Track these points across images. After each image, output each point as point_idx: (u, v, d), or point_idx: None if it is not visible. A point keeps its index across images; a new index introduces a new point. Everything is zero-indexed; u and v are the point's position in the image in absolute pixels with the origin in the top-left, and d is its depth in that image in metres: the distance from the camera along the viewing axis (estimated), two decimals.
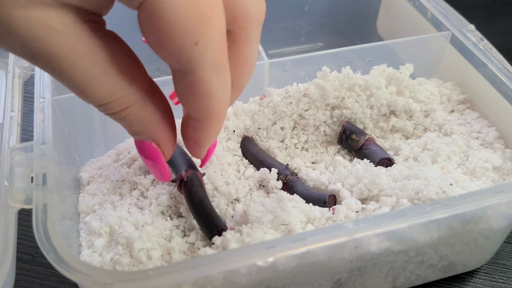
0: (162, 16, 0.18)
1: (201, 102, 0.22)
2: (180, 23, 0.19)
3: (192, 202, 0.31)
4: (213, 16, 0.19)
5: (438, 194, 0.30)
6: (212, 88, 0.21)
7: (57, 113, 0.35)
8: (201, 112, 0.23)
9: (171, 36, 0.19)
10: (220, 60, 0.21)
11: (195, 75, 0.21)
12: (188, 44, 0.19)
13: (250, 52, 0.23)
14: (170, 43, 0.19)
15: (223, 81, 0.22)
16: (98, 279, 0.23)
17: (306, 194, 0.33)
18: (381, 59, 0.40)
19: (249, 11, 0.22)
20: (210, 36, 0.19)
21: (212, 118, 0.23)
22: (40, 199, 0.27)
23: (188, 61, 0.20)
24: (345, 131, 0.38)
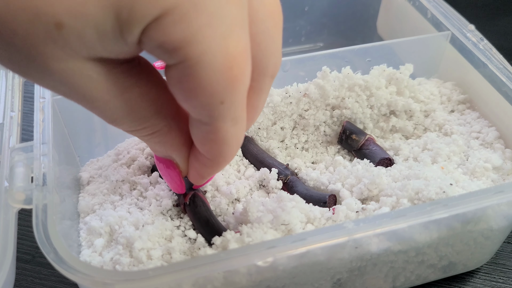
0: (195, 78, 0.19)
1: (215, 147, 0.23)
2: (211, 85, 0.19)
3: (199, 223, 0.31)
4: (242, 78, 0.20)
5: (438, 194, 0.30)
6: (228, 137, 0.22)
7: (57, 113, 0.35)
8: (213, 155, 0.24)
9: (199, 94, 0.19)
10: (239, 114, 0.22)
11: (214, 126, 0.21)
12: (214, 102, 0.20)
13: (259, 102, 0.24)
14: (197, 100, 0.20)
15: (239, 131, 0.22)
16: (98, 279, 0.23)
17: (306, 194, 0.33)
18: (381, 59, 0.40)
19: (267, 67, 0.23)
20: (236, 97, 0.20)
21: (224, 160, 0.24)
22: (40, 199, 0.27)
23: (210, 116, 0.21)
24: (345, 131, 0.38)
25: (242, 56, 0.19)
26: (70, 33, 0.17)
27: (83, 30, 0.17)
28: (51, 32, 0.17)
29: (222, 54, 0.18)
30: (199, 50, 0.18)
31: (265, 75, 0.23)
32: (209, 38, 0.18)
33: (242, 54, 0.19)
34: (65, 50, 0.18)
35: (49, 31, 0.17)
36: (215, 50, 0.18)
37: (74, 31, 0.17)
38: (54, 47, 0.17)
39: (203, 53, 0.18)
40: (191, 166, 0.26)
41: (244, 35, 0.19)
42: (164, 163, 0.27)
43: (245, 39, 0.19)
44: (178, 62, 0.19)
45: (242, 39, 0.19)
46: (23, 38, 0.17)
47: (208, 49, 0.18)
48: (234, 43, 0.19)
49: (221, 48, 0.18)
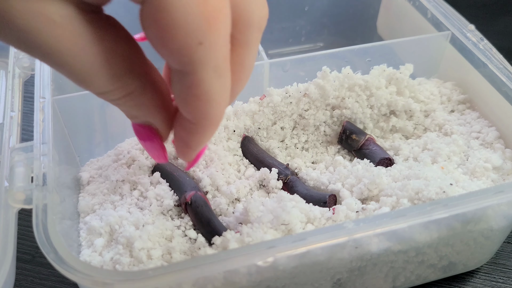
0: (168, 11, 0.18)
1: (199, 105, 0.21)
2: (186, 20, 0.18)
3: (201, 223, 0.31)
4: (220, 17, 0.19)
5: (438, 194, 0.30)
6: (212, 91, 0.21)
7: (57, 113, 0.35)
8: (197, 115, 0.22)
9: (175, 33, 0.18)
10: (222, 63, 0.20)
11: (196, 77, 0.20)
12: (192, 43, 0.19)
13: (248, 58, 0.23)
14: (173, 40, 0.19)
15: (223, 84, 0.21)
16: (98, 279, 0.23)
17: (306, 194, 0.33)
18: (381, 59, 0.40)
19: (252, 16, 0.21)
20: (215, 37, 0.19)
21: (209, 122, 0.22)
22: (40, 199, 0.27)
23: (190, 61, 0.19)
24: (345, 131, 0.38)
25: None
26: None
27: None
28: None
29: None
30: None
31: (250, 25, 0.22)
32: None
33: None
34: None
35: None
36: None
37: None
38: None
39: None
40: (177, 136, 0.25)
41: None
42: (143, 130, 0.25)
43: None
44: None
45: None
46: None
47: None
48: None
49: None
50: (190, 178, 0.35)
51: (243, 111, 0.38)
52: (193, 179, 0.35)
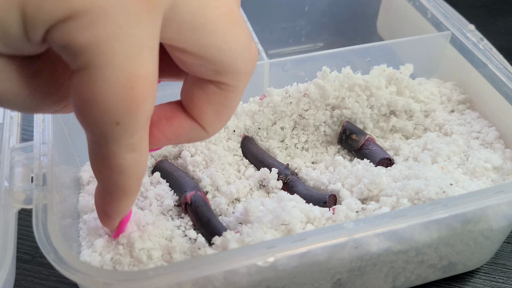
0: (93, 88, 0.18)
1: (111, 175, 0.21)
2: (108, 101, 0.18)
3: (200, 223, 0.31)
4: (143, 104, 0.19)
5: (438, 194, 0.30)
6: (124, 164, 0.21)
7: None
8: (109, 185, 0.22)
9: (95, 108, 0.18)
10: (138, 141, 0.20)
11: (108, 150, 0.20)
12: (108, 122, 0.19)
13: (233, 101, 0.23)
14: (93, 115, 0.19)
15: (137, 159, 0.21)
16: (98, 279, 0.23)
17: (306, 194, 0.33)
18: (381, 59, 0.40)
19: (236, 66, 0.22)
20: (134, 121, 0.19)
21: (122, 192, 0.23)
22: (40, 199, 0.27)
23: (103, 137, 0.20)
24: (345, 131, 0.38)
25: (145, 80, 0.18)
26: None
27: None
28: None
29: (124, 71, 0.18)
30: (101, 61, 0.17)
31: (236, 74, 0.22)
32: (113, 51, 0.17)
33: (146, 78, 0.18)
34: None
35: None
36: (118, 65, 0.17)
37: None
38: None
39: (104, 64, 0.17)
40: (96, 204, 0.25)
41: (152, 60, 0.19)
42: None
43: (153, 64, 0.19)
44: (80, 68, 0.18)
45: (149, 63, 0.18)
46: None
47: (110, 62, 0.17)
48: (139, 64, 0.18)
49: (124, 66, 0.18)
50: (190, 178, 0.35)
51: (243, 111, 0.38)
52: (193, 179, 0.35)
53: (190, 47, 0.20)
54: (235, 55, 0.21)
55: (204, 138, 0.25)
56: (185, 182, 0.34)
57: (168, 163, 0.36)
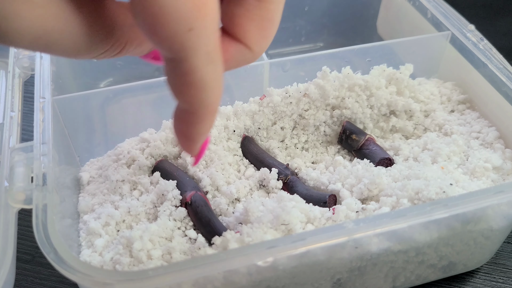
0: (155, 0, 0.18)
1: (194, 93, 0.21)
2: (175, 7, 0.18)
3: (200, 223, 0.31)
4: (208, 3, 0.19)
5: (438, 194, 0.30)
6: (206, 77, 0.21)
7: (57, 113, 0.35)
8: (194, 104, 0.22)
9: (164, 20, 0.18)
10: (214, 49, 0.20)
11: (189, 64, 0.20)
12: (181, 29, 0.19)
13: (275, 13, 0.23)
14: (163, 28, 0.19)
15: (216, 71, 0.21)
16: (98, 279, 0.23)
17: (306, 194, 0.33)
18: (381, 59, 0.40)
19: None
20: (205, 23, 0.19)
21: (206, 110, 0.22)
22: (40, 199, 0.27)
23: (181, 48, 0.19)
24: (345, 131, 0.38)
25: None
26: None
27: None
28: None
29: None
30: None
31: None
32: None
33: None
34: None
35: None
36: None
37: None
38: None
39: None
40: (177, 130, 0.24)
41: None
42: None
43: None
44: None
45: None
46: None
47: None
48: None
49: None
50: (190, 178, 0.35)
51: (243, 111, 0.38)
52: (193, 179, 0.35)
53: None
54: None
55: (252, 60, 0.24)
56: (185, 182, 0.34)
57: (168, 163, 0.36)
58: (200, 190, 0.33)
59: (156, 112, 0.40)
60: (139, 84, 0.38)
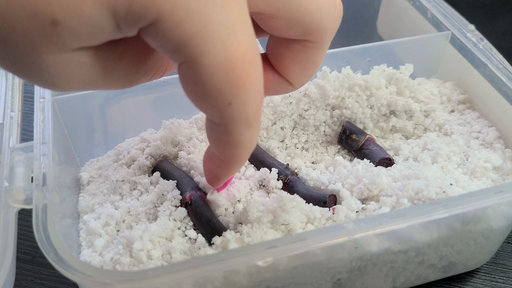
0: (199, 79, 0.19)
1: (229, 149, 0.23)
2: (215, 86, 0.20)
3: (200, 223, 0.31)
4: (248, 81, 0.20)
5: (438, 194, 0.30)
6: (242, 140, 0.23)
7: (57, 113, 0.35)
8: (227, 157, 0.24)
9: (206, 95, 0.20)
10: (252, 117, 0.22)
11: (227, 129, 0.22)
12: (221, 104, 0.20)
13: (319, 57, 0.25)
14: (205, 100, 0.20)
15: (253, 134, 0.23)
16: (98, 279, 0.23)
17: (306, 194, 0.33)
18: (381, 59, 0.40)
19: (323, 24, 0.23)
20: (244, 98, 0.20)
21: (236, 162, 0.25)
22: (40, 199, 0.27)
23: (221, 118, 0.21)
24: (345, 131, 0.38)
25: (245, 58, 0.19)
26: (65, 29, 0.17)
27: (78, 27, 0.18)
28: (47, 29, 0.17)
29: (222, 56, 0.19)
30: (197, 52, 0.18)
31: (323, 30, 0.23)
32: (206, 41, 0.18)
33: (244, 55, 0.19)
34: (58, 45, 0.18)
35: (44, 27, 0.17)
36: (214, 52, 0.19)
37: (69, 28, 0.17)
38: (48, 43, 0.18)
39: (201, 54, 0.19)
40: (206, 167, 0.27)
41: (247, 36, 0.20)
42: None
43: (248, 40, 0.20)
44: (181, 63, 0.19)
45: (245, 40, 0.19)
46: (21, 34, 0.17)
47: (206, 51, 0.19)
48: (234, 45, 0.19)
49: (221, 51, 0.19)
50: (190, 178, 0.35)
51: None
52: (193, 179, 0.35)
53: (279, 13, 0.21)
54: (322, 14, 0.22)
55: (291, 91, 0.26)
56: (185, 182, 0.34)
57: (168, 163, 0.36)
58: (200, 190, 0.33)
59: (156, 112, 0.40)
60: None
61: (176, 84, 0.38)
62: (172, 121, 0.38)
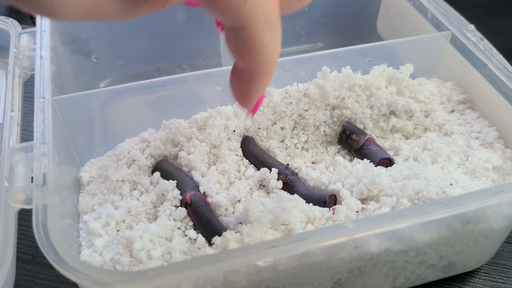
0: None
1: (254, 56, 0.23)
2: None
3: (201, 223, 0.31)
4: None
5: (438, 194, 0.30)
6: (265, 41, 0.22)
7: (57, 113, 0.35)
8: (253, 65, 0.24)
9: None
10: (271, 14, 0.21)
11: (248, 31, 0.21)
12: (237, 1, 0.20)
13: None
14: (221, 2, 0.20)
15: (275, 34, 0.22)
16: (98, 279, 0.23)
17: (306, 194, 0.33)
18: (381, 59, 0.40)
19: None
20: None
21: (264, 70, 0.24)
22: (40, 199, 0.27)
23: (240, 17, 0.21)
24: (345, 131, 0.38)
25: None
26: None
27: None
28: None
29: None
30: None
31: None
32: None
33: None
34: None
35: None
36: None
37: None
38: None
39: None
40: (235, 87, 0.26)
41: None
42: None
43: None
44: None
45: None
46: None
47: None
48: None
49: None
50: (190, 178, 0.35)
51: (243, 111, 0.38)
52: (193, 179, 0.35)
53: None
54: None
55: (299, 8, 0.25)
56: (185, 182, 0.34)
57: (168, 163, 0.36)
58: (200, 190, 0.33)
59: (156, 112, 0.40)
60: (139, 84, 0.38)
61: (176, 84, 0.38)
62: (172, 121, 0.38)
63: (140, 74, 0.51)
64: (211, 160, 0.36)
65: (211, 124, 0.37)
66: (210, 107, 0.39)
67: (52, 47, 0.39)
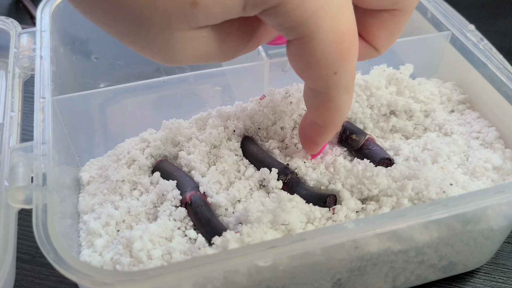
0: (311, 52, 0.22)
1: (329, 115, 0.26)
2: (325, 58, 0.22)
3: (200, 223, 0.31)
4: (351, 51, 0.23)
5: (438, 194, 0.30)
6: (341, 104, 0.26)
7: (57, 113, 0.35)
8: (326, 121, 0.27)
9: (315, 67, 0.23)
10: (351, 83, 0.25)
11: (329, 95, 0.25)
12: (328, 74, 0.23)
13: (404, 23, 0.27)
14: (314, 71, 0.23)
15: (349, 98, 0.26)
16: (98, 279, 0.23)
17: (306, 194, 0.33)
18: (381, 59, 0.40)
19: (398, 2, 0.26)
20: (347, 66, 0.23)
21: (334, 127, 0.28)
22: (40, 199, 0.27)
23: (326, 86, 0.24)
24: (345, 131, 0.38)
25: (350, 32, 0.22)
26: (201, 10, 0.20)
27: (212, 8, 0.20)
28: (186, 9, 0.20)
29: (332, 31, 0.22)
30: (313, 29, 0.21)
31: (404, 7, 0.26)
32: (321, 18, 0.21)
33: (350, 30, 0.22)
34: (191, 23, 0.20)
35: (184, 8, 0.20)
36: (327, 28, 0.21)
37: (205, 8, 0.20)
38: (183, 21, 0.20)
39: (316, 31, 0.21)
40: (304, 136, 0.30)
41: (351, 14, 0.22)
42: None
43: (352, 17, 0.22)
44: (295, 39, 0.22)
45: (350, 17, 0.22)
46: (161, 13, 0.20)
47: (320, 27, 0.21)
48: (343, 21, 0.22)
49: (332, 26, 0.22)
50: (190, 178, 0.35)
51: (243, 111, 0.38)
52: (193, 179, 0.35)
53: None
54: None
55: (375, 56, 0.29)
56: (185, 182, 0.34)
57: (168, 163, 0.36)
58: (200, 190, 0.33)
59: (156, 112, 0.40)
60: (139, 84, 0.38)
61: (176, 84, 0.38)
62: (172, 121, 0.38)
63: (140, 74, 0.51)
64: (211, 160, 0.36)
65: (211, 124, 0.37)
66: (210, 107, 0.39)
67: (52, 47, 0.39)
